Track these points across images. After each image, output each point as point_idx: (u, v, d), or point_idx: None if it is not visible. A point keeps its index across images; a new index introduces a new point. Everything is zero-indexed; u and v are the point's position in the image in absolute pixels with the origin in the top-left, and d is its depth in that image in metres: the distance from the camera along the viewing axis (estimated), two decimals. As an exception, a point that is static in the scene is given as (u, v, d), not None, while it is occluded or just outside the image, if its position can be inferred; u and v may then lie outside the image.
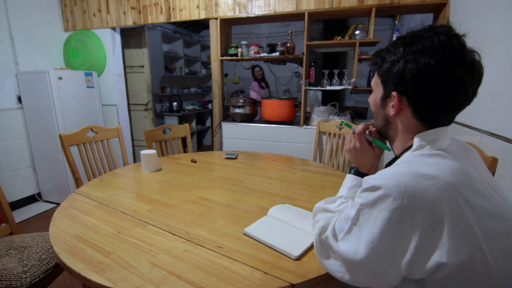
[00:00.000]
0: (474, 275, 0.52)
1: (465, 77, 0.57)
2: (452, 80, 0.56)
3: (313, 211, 0.85)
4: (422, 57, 0.57)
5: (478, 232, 0.52)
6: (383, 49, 0.66)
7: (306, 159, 1.89)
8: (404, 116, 0.64)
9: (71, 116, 2.86)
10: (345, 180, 0.84)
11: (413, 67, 0.57)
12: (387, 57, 0.64)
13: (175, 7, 2.77)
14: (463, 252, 0.51)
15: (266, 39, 5.07)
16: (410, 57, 0.58)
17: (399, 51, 0.61)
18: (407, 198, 0.52)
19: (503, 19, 1.30)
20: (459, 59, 0.56)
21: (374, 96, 0.72)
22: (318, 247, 0.70)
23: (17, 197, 2.83)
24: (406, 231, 0.53)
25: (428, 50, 0.56)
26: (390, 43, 0.65)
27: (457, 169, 0.55)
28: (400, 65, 0.60)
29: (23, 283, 1.03)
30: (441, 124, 0.62)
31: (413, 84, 0.59)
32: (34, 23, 2.92)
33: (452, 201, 0.52)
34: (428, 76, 0.57)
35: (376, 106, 0.71)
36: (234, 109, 2.76)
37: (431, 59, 0.56)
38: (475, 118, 1.47)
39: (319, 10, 2.37)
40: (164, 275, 0.71)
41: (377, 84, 0.69)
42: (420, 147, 0.62)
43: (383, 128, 0.72)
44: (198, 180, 1.42)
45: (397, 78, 0.61)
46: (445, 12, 2.07)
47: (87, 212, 1.07)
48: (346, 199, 0.80)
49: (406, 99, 0.62)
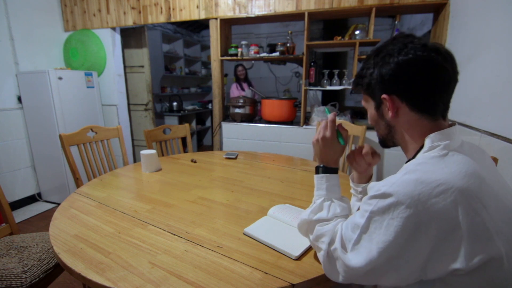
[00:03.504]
0: (486, 276, 0.51)
1: (436, 58, 0.60)
2: (426, 63, 0.60)
3: (300, 226, 0.77)
4: (391, 57, 0.63)
5: (496, 237, 0.51)
6: (359, 71, 0.73)
7: (306, 159, 1.89)
8: (403, 114, 0.65)
9: (71, 116, 2.86)
10: (318, 182, 0.77)
11: (387, 68, 0.63)
12: (363, 73, 0.69)
13: (175, 7, 2.77)
14: (480, 256, 0.50)
15: (266, 39, 5.06)
16: (381, 62, 0.64)
17: (371, 63, 0.67)
18: (421, 205, 0.51)
19: (503, 19, 1.30)
20: (422, 47, 0.61)
21: (369, 112, 0.74)
22: (327, 264, 0.66)
23: (17, 197, 2.83)
24: (420, 238, 0.52)
25: (393, 51, 0.63)
26: (362, 63, 0.71)
27: (471, 172, 0.54)
28: (376, 72, 0.65)
29: (23, 283, 1.03)
30: (438, 110, 0.63)
31: (396, 81, 0.63)
32: (34, 23, 2.92)
33: (468, 205, 0.51)
34: (403, 67, 0.61)
35: (375, 118, 0.73)
36: (234, 109, 2.76)
37: (399, 56, 0.61)
38: (475, 118, 1.47)
39: (319, 10, 2.37)
40: (164, 275, 0.71)
41: (367, 101, 0.73)
42: (431, 148, 0.61)
43: (388, 136, 0.72)
44: (198, 180, 1.42)
45: (380, 83, 0.65)
46: (445, 12, 2.07)
47: (87, 212, 1.07)
48: (330, 200, 0.74)
49: (397, 97, 0.64)
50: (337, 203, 0.74)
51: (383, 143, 0.76)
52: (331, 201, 0.74)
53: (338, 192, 0.77)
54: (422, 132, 0.64)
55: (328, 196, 0.75)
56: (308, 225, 0.74)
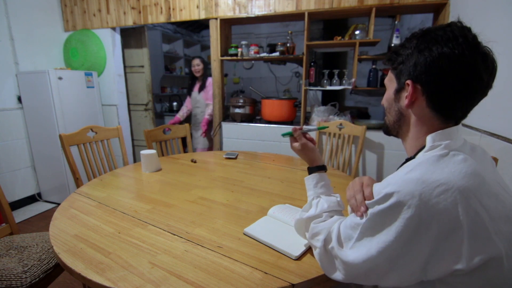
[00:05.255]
0: (486, 276, 0.51)
1: (479, 65, 0.56)
2: (466, 66, 0.56)
3: (296, 226, 0.83)
4: (436, 45, 0.57)
5: (495, 237, 0.51)
6: (398, 45, 0.67)
7: (306, 159, 1.89)
8: (418, 107, 0.63)
9: (71, 116, 2.86)
10: (306, 183, 0.86)
11: (426, 55, 0.58)
12: (401, 51, 0.65)
13: (175, 7, 2.77)
14: (480, 256, 0.50)
15: (266, 39, 5.06)
16: (423, 46, 0.59)
17: (413, 44, 0.62)
18: (422, 205, 0.51)
19: (503, 19, 1.30)
20: (472, 47, 0.56)
21: (387, 92, 0.71)
22: (324, 261, 0.68)
23: (17, 197, 2.83)
24: (421, 238, 0.52)
25: (441, 38, 0.57)
26: (404, 39, 0.66)
27: (471, 172, 0.54)
28: (414, 55, 0.61)
29: (23, 283, 1.03)
30: (455, 116, 0.62)
31: (428, 71, 0.59)
32: (34, 23, 2.92)
33: (468, 206, 0.51)
34: (442, 62, 0.57)
35: (390, 101, 0.70)
36: (234, 109, 2.76)
37: (445, 47, 0.56)
38: (475, 118, 1.47)
39: (319, 10, 2.37)
40: (164, 275, 0.71)
41: (390, 80, 0.70)
42: (433, 147, 0.60)
43: (396, 123, 0.70)
44: (198, 180, 1.42)
45: (412, 67, 0.61)
46: (445, 12, 2.07)
47: (87, 212, 1.07)
48: (318, 197, 0.80)
49: (420, 88, 0.61)
50: (324, 199, 0.78)
51: (387, 129, 0.75)
52: (319, 198, 0.79)
53: (325, 189, 0.82)
54: (429, 131, 0.63)
55: (316, 194, 0.81)
56: (303, 223, 0.78)
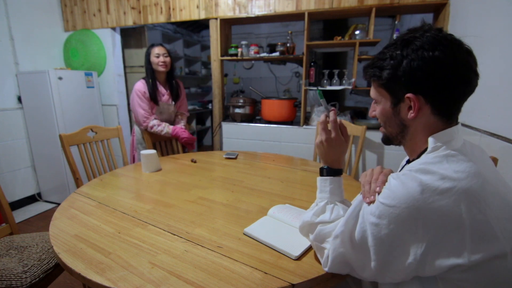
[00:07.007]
0: (489, 273, 0.52)
1: (470, 60, 0.57)
2: (461, 65, 0.56)
3: (301, 228, 0.78)
4: (425, 51, 0.56)
5: (500, 234, 0.51)
6: (376, 59, 0.64)
7: (306, 159, 1.89)
8: (423, 116, 0.61)
9: (71, 116, 2.86)
10: (321, 184, 0.77)
11: (420, 64, 0.57)
12: (384, 64, 0.62)
13: (175, 7, 2.77)
14: (483, 253, 0.51)
15: (266, 39, 5.06)
16: (413, 55, 0.57)
17: (397, 54, 0.59)
18: (423, 204, 0.52)
19: (503, 19, 1.30)
20: (457, 46, 0.57)
21: (381, 107, 0.68)
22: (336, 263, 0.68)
23: (17, 197, 2.83)
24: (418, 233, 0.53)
25: (427, 44, 0.57)
26: (380, 53, 0.64)
27: (473, 171, 0.54)
28: (404, 66, 0.58)
29: (23, 283, 1.03)
30: (456, 115, 0.62)
31: (427, 80, 0.57)
32: (34, 23, 2.92)
33: (471, 204, 0.51)
34: (438, 67, 0.56)
35: (387, 115, 0.67)
36: (234, 109, 2.76)
37: (435, 51, 0.56)
38: (475, 118, 1.47)
39: (319, 10, 2.37)
40: (164, 275, 0.71)
41: (380, 95, 0.67)
42: (435, 148, 0.60)
43: (399, 135, 0.68)
44: (198, 180, 1.42)
45: (407, 79, 0.59)
46: (445, 12, 2.07)
47: (87, 212, 1.07)
48: (333, 204, 0.74)
49: (422, 98, 0.59)
50: (340, 206, 0.74)
51: (387, 140, 0.73)
52: (334, 204, 0.74)
53: (341, 195, 0.76)
54: (432, 134, 0.62)
55: (332, 199, 0.75)
56: (310, 226, 0.75)
